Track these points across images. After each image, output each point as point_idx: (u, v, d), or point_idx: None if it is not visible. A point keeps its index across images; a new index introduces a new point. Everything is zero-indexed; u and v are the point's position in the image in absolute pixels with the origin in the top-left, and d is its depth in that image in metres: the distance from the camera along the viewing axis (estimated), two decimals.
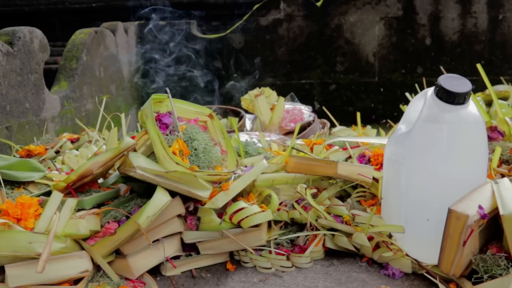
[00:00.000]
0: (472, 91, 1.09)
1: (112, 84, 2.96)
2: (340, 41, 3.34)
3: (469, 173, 1.09)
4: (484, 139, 1.11)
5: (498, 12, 3.37)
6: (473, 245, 1.01)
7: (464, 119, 1.07)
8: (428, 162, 1.08)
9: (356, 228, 1.24)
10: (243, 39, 3.34)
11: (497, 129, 1.68)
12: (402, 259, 1.16)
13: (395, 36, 3.35)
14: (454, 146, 1.07)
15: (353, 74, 3.37)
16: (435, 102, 1.09)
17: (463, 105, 1.07)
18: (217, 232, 1.24)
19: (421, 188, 1.10)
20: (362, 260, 1.24)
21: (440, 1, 3.32)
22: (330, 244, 1.27)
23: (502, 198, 1.01)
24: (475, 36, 3.39)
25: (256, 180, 1.33)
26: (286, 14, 3.31)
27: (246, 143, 1.52)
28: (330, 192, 1.34)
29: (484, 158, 1.11)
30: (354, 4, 3.29)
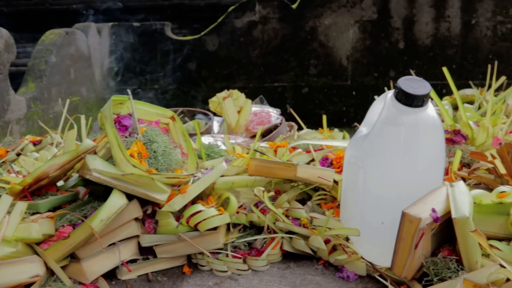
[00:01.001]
0: (430, 93, 1.09)
1: (83, 86, 2.93)
2: (314, 44, 3.35)
3: (426, 176, 1.09)
4: (441, 142, 1.11)
5: (471, 16, 3.41)
6: (425, 248, 1.01)
7: (422, 122, 1.07)
8: (385, 165, 1.08)
9: (313, 231, 1.24)
10: (217, 41, 3.33)
11: (460, 132, 1.69)
12: (357, 262, 1.16)
13: (369, 40, 3.36)
14: (411, 149, 1.07)
15: (326, 77, 3.37)
16: (394, 105, 1.08)
17: (421, 107, 1.07)
18: (174, 235, 1.23)
19: (377, 191, 1.10)
20: (319, 263, 1.24)
21: (415, 5, 3.35)
22: (287, 247, 1.27)
23: (456, 201, 1.01)
24: (448, 40, 3.42)
25: (216, 183, 1.32)
26: (261, 16, 3.30)
27: (209, 145, 1.51)
28: (290, 195, 1.34)
29: (441, 161, 1.12)
30: (329, 7, 3.30)
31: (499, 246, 1.08)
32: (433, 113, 1.09)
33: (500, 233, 1.11)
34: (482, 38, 3.44)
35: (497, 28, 3.44)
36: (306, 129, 1.94)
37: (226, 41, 3.32)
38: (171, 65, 3.36)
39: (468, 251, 0.98)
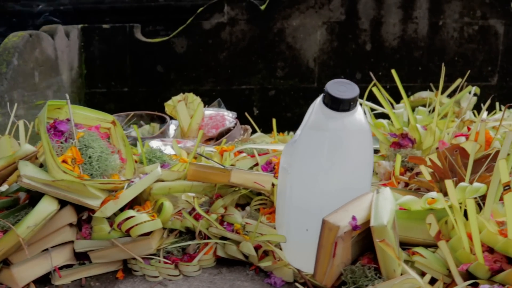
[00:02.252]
0: (358, 96, 1.09)
1: (49, 89, 2.93)
2: (282, 46, 3.36)
3: (352, 183, 1.10)
4: (369, 148, 1.12)
5: (439, 18, 3.43)
6: (345, 256, 1.02)
7: (348, 127, 1.07)
8: (310, 171, 1.09)
9: (245, 237, 1.25)
10: (185, 44, 3.34)
11: (408, 136, 1.70)
12: (284, 268, 1.18)
13: (336, 41, 3.38)
14: (336, 154, 1.07)
15: (292, 80, 3.39)
16: (322, 109, 1.08)
17: (348, 112, 1.07)
18: (108, 241, 1.24)
19: (302, 197, 1.11)
20: (250, 269, 1.25)
21: (383, 6, 3.36)
22: (221, 253, 1.29)
23: (377, 209, 1.02)
24: (415, 42, 3.44)
25: (152, 188, 1.33)
26: (229, 18, 3.31)
27: (151, 150, 1.52)
28: (226, 200, 1.35)
29: (369, 167, 1.13)
30: (297, 8, 3.31)
31: (424, 253, 1.09)
32: (361, 118, 1.08)
33: (429, 239, 1.13)
34: (449, 40, 3.47)
35: (463, 29, 3.47)
36: (258, 133, 1.96)
37: (194, 43, 3.33)
38: (140, 67, 3.37)
39: (385, 260, 1.00)
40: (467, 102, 2.14)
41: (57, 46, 2.99)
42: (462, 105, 2.11)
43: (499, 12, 3.46)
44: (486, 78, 3.54)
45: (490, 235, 1.00)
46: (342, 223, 0.98)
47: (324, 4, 3.31)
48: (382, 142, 1.73)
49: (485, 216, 1.05)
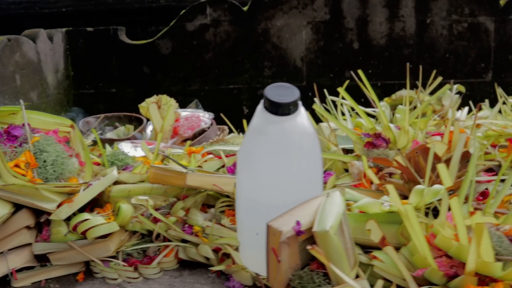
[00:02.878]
0: (298, 100, 1.06)
1: (33, 92, 2.91)
2: (267, 45, 3.33)
3: (299, 187, 1.06)
4: (314, 151, 1.08)
5: (426, 16, 3.40)
6: (293, 261, 0.99)
7: (290, 131, 1.04)
8: (254, 175, 1.06)
9: (204, 239, 1.22)
10: (170, 45, 3.32)
11: (381, 136, 1.67)
12: (242, 272, 1.15)
13: (323, 40, 3.35)
14: (279, 159, 1.04)
15: (281, 79, 3.36)
16: (263, 113, 1.06)
17: (288, 115, 1.04)
18: (66, 243, 1.23)
19: (250, 201, 1.08)
20: (212, 272, 1.23)
21: (367, 5, 3.33)
22: (182, 255, 1.26)
23: (322, 213, 0.98)
24: (403, 40, 3.41)
25: (111, 191, 1.31)
26: (212, 19, 3.29)
27: (114, 153, 1.50)
28: (188, 202, 1.33)
29: (317, 170, 1.09)
30: (280, 8, 3.29)
31: (382, 257, 1.06)
32: (303, 121, 1.05)
33: (392, 243, 1.10)
34: (438, 37, 3.43)
35: (452, 27, 3.43)
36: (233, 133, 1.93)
37: (179, 44, 3.31)
38: (127, 68, 3.35)
39: (333, 265, 0.96)
40: (449, 100, 2.10)
41: (40, 50, 2.97)
42: (444, 104, 2.07)
43: (487, 9, 3.42)
44: (480, 75, 3.50)
45: (444, 240, 0.97)
46: (285, 228, 0.95)
47: (307, 4, 3.28)
48: (356, 142, 1.69)
49: (441, 220, 1.02)
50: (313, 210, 1.01)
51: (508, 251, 0.97)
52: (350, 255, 1.03)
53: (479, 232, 0.86)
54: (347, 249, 1.01)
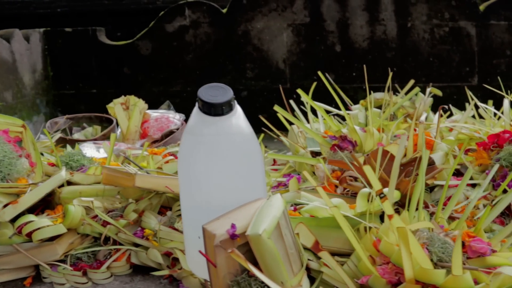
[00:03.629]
0: (232, 100, 1.04)
1: (7, 92, 2.89)
2: (248, 47, 3.31)
3: (238, 189, 1.04)
4: (252, 151, 1.06)
5: (407, 20, 3.38)
6: (232, 266, 0.96)
7: (223, 131, 1.02)
8: (191, 178, 1.04)
9: (154, 243, 1.20)
10: (150, 46, 3.30)
11: (347, 138, 1.64)
12: (190, 277, 1.12)
13: (304, 43, 3.33)
14: (214, 160, 1.02)
15: (264, 81, 3.34)
16: (198, 114, 1.04)
17: (222, 116, 1.02)
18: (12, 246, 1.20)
19: (188, 203, 1.07)
20: (164, 277, 1.20)
21: (347, 9, 3.31)
22: (134, 260, 1.24)
23: (258, 217, 0.95)
24: (385, 43, 3.39)
25: (61, 192, 1.28)
26: (191, 21, 3.27)
27: (69, 153, 1.47)
28: (142, 204, 1.30)
29: (257, 172, 1.07)
30: (260, 11, 3.27)
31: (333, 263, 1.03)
32: (238, 122, 1.03)
33: (345, 248, 1.07)
34: (421, 41, 3.41)
35: (434, 31, 3.41)
36: None
37: (158, 45, 3.29)
38: (107, 69, 3.33)
39: (269, 271, 0.93)
40: (422, 103, 2.08)
41: (14, 50, 2.96)
42: (417, 106, 2.04)
43: (467, 14, 3.41)
44: (466, 79, 3.48)
45: (387, 246, 0.94)
46: (219, 231, 0.92)
47: (287, 7, 3.27)
48: (322, 145, 1.67)
49: (385, 226, 0.99)
50: (251, 213, 0.98)
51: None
52: (294, 260, 1.00)
53: (403, 237, 0.84)
54: (289, 254, 0.98)
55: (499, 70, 3.44)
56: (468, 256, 0.96)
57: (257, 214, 0.96)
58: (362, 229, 1.06)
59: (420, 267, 0.87)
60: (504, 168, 1.47)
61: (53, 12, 3.98)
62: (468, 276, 0.87)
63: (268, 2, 3.29)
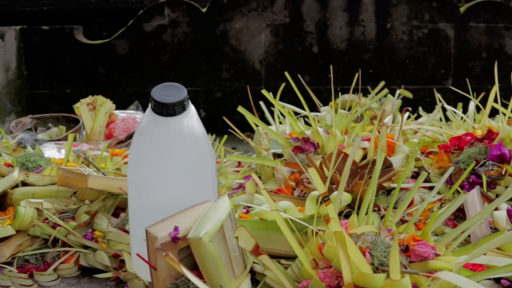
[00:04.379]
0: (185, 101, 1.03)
1: None
2: (225, 48, 3.30)
3: (187, 191, 1.03)
4: (203, 153, 1.05)
5: (386, 21, 3.38)
6: (173, 269, 0.95)
7: (175, 132, 1.01)
8: (140, 179, 1.03)
9: (103, 244, 1.18)
10: (127, 46, 3.27)
11: (309, 140, 1.64)
12: (135, 280, 1.11)
13: (282, 44, 3.32)
14: (163, 161, 1.01)
15: (239, 82, 3.33)
16: (150, 114, 1.03)
17: (174, 116, 1.01)
18: None
19: (135, 205, 1.05)
20: (111, 279, 1.19)
21: (327, 9, 3.31)
22: (83, 262, 1.22)
23: (202, 219, 0.95)
24: (363, 44, 3.39)
25: (14, 193, 1.27)
26: (170, 20, 3.25)
27: (26, 154, 1.45)
28: (94, 205, 1.29)
29: (207, 174, 1.06)
30: (240, 10, 3.25)
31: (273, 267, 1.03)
32: (191, 123, 1.02)
33: (290, 251, 1.06)
34: (398, 43, 3.42)
35: (413, 33, 3.42)
36: None
37: (135, 45, 3.27)
38: (82, 69, 3.30)
39: (209, 274, 0.93)
40: (390, 105, 2.08)
41: None
42: (385, 109, 2.04)
43: (447, 16, 3.42)
44: (440, 81, 3.49)
45: (330, 250, 0.94)
46: (161, 234, 0.91)
47: (267, 7, 3.25)
48: (284, 147, 1.66)
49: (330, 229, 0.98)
50: (197, 216, 0.97)
51: None
52: (237, 264, 0.99)
53: (340, 242, 0.83)
54: (231, 257, 0.97)
55: (474, 72, 3.46)
56: (411, 260, 0.96)
57: (202, 217, 0.95)
58: (310, 232, 1.05)
59: (359, 272, 0.86)
60: (462, 171, 1.47)
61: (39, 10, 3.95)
62: (406, 280, 0.86)
63: (249, 2, 3.27)
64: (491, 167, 1.44)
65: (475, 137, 1.55)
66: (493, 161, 1.45)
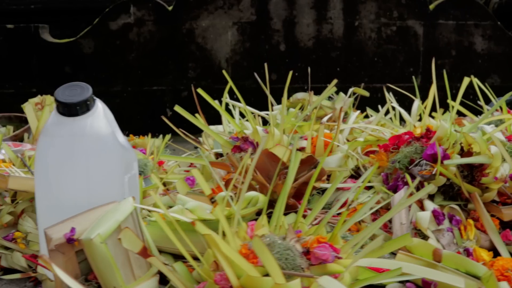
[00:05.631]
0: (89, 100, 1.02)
1: None
2: (192, 46, 3.28)
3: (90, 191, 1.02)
4: (109, 153, 1.04)
5: (354, 18, 3.37)
6: (73, 270, 0.94)
7: (78, 132, 1.00)
8: (45, 180, 1.02)
9: (22, 245, 1.18)
10: (93, 44, 3.25)
11: (248, 139, 1.62)
12: (47, 281, 1.10)
13: (249, 42, 3.31)
14: (67, 163, 1.00)
15: (205, 81, 3.31)
16: (55, 114, 1.02)
17: (77, 116, 1.00)
18: None
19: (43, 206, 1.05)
20: (30, 280, 1.18)
21: (295, 6, 3.30)
22: (4, 263, 1.21)
23: (99, 221, 0.94)
24: (331, 42, 3.38)
25: None
26: (136, 19, 3.23)
27: None
28: (20, 207, 1.27)
29: (112, 174, 1.05)
30: (206, 8, 3.24)
31: (176, 267, 1.02)
32: (95, 123, 1.01)
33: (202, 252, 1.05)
34: (367, 41, 3.41)
35: (381, 30, 3.41)
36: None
37: (101, 44, 3.25)
38: (48, 68, 3.27)
39: (102, 276, 0.92)
40: (341, 103, 2.07)
41: None
42: (336, 107, 2.03)
43: (416, 13, 3.41)
44: (408, 79, 3.48)
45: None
46: (57, 235, 0.90)
47: (234, 4, 3.24)
48: (224, 146, 1.65)
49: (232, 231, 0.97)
50: (97, 217, 0.96)
51: (293, 264, 0.93)
52: (139, 265, 0.98)
53: (213, 244, 0.82)
54: (131, 258, 0.96)
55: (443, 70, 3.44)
56: (311, 263, 0.95)
57: (100, 218, 0.94)
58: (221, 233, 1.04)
59: (247, 275, 0.85)
60: (398, 171, 1.47)
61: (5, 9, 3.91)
62: (295, 283, 0.85)
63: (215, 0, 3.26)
64: (424, 167, 1.43)
65: (413, 136, 1.55)
66: (427, 160, 1.44)
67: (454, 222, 1.30)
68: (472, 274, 0.99)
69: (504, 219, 1.38)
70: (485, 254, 1.20)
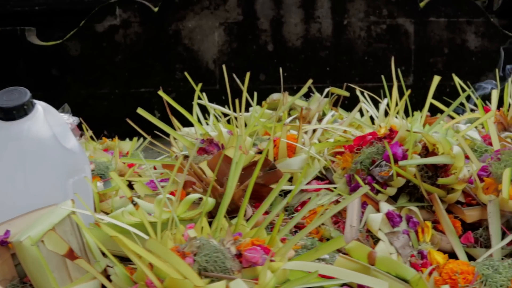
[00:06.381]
0: (26, 105, 1.01)
1: None
2: (178, 47, 3.27)
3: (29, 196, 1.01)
4: (49, 157, 1.02)
5: (343, 17, 3.35)
6: (9, 273, 0.93)
7: (14, 137, 0.99)
8: None
9: None
10: (79, 47, 3.25)
11: (213, 142, 1.61)
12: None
13: (236, 42, 3.29)
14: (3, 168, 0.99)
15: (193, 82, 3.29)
16: None
17: (14, 121, 0.99)
18: None
19: None
20: None
21: (282, 6, 3.28)
22: None
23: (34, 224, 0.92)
24: (320, 42, 3.35)
25: None
26: (122, 20, 3.23)
27: None
28: None
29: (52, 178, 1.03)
30: (192, 9, 3.23)
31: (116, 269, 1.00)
32: (33, 127, 1.00)
33: None
34: (356, 39, 3.38)
35: (371, 28, 3.38)
36: None
37: (88, 46, 3.25)
38: (35, 71, 3.28)
39: (35, 279, 0.90)
40: (316, 104, 2.04)
41: None
42: (311, 107, 2.00)
43: (406, 11, 3.38)
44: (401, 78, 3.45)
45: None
46: None
47: (220, 5, 3.23)
48: (189, 148, 1.63)
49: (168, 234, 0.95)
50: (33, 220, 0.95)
51: (223, 267, 0.91)
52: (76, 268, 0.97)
53: (121, 245, 0.80)
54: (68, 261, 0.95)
55: (436, 69, 3.42)
56: (242, 266, 0.93)
57: (35, 221, 0.93)
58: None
59: (170, 278, 0.84)
60: (361, 172, 1.44)
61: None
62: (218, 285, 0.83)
63: (201, 0, 3.25)
64: (384, 168, 1.40)
65: (376, 137, 1.52)
66: (387, 161, 1.41)
67: (411, 224, 1.27)
68: (402, 278, 0.97)
69: (467, 220, 1.35)
70: (440, 257, 1.17)
